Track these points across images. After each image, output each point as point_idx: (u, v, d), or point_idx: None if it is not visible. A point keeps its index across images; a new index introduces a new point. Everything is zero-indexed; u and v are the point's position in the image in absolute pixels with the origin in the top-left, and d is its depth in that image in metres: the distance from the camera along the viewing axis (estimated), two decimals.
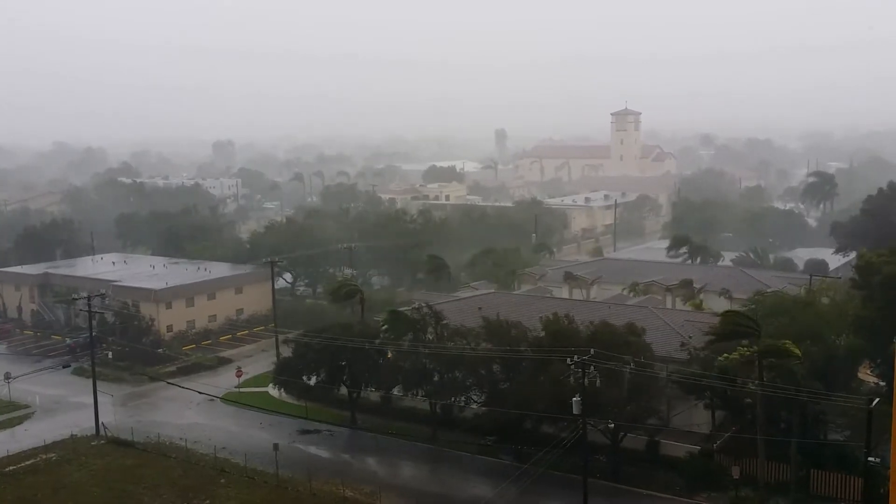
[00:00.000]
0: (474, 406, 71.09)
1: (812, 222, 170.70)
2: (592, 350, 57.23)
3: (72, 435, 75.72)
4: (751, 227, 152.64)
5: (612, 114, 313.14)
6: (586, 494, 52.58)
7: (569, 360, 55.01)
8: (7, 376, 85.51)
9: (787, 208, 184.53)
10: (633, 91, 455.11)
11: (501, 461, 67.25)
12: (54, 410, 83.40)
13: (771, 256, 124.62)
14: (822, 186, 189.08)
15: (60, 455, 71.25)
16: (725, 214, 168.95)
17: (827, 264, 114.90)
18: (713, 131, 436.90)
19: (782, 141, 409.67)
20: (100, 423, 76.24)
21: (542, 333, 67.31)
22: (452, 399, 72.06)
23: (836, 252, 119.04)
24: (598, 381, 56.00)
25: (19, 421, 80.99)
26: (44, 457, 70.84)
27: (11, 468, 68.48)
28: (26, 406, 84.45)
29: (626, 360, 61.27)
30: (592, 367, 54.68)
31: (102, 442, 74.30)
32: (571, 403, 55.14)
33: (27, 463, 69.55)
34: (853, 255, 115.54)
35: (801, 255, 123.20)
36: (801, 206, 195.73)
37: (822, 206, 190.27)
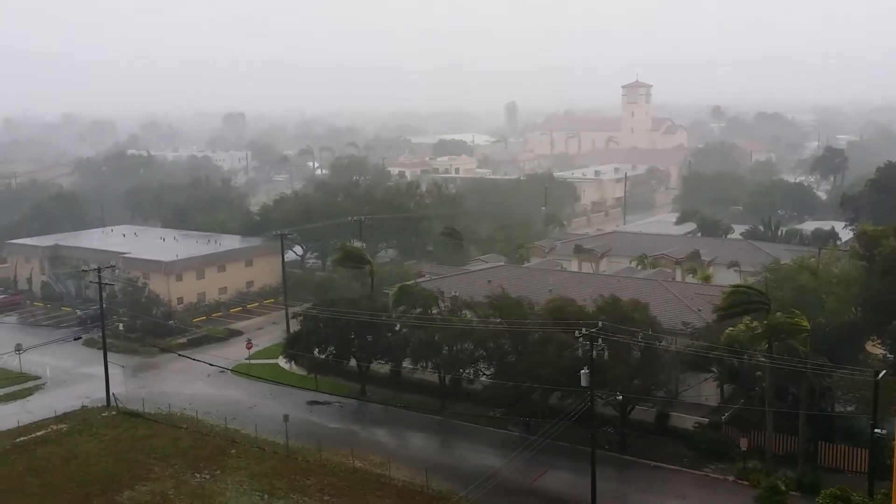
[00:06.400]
0: (483, 378, 71.30)
1: (822, 195, 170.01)
2: (600, 322, 57.28)
3: (83, 406, 76.27)
4: (761, 200, 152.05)
5: (622, 86, 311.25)
6: (594, 465, 52.82)
7: (577, 332, 55.07)
8: (18, 348, 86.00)
9: (797, 181, 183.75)
10: (644, 63, 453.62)
11: (510, 433, 67.58)
12: (65, 382, 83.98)
13: (781, 229, 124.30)
14: (832, 159, 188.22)
15: (71, 426, 71.81)
16: (735, 187, 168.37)
17: (837, 236, 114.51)
18: (724, 104, 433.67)
19: (792, 114, 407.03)
20: (111, 394, 76.77)
21: (550, 308, 67.39)
22: (461, 371, 72.30)
23: (847, 225, 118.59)
24: (605, 353, 56.07)
25: (30, 392, 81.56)
26: (55, 427, 71.40)
27: (23, 439, 69.08)
28: (37, 377, 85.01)
29: (635, 332, 61.33)
30: (600, 340, 54.71)
31: (113, 413, 74.83)
32: (580, 376, 55.31)
33: (38, 434, 70.11)
34: None
35: (811, 228, 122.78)
36: (812, 180, 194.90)
37: (832, 179, 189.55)
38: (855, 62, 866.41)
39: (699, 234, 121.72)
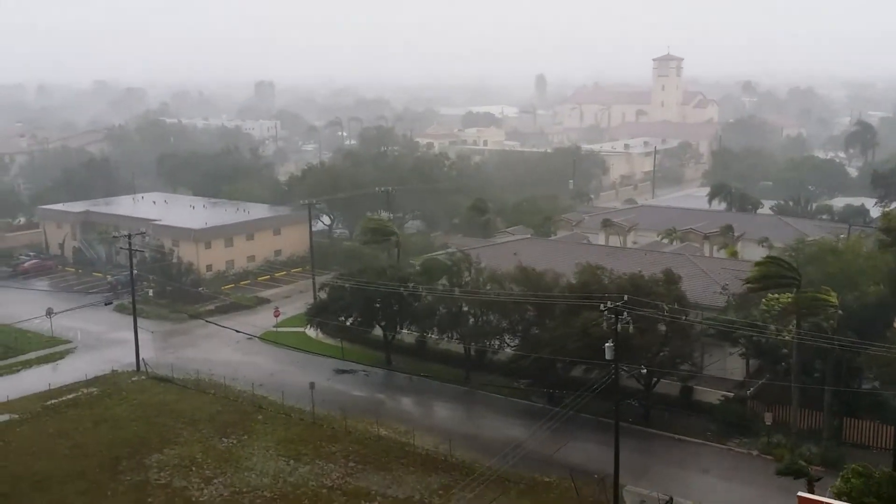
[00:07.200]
0: (508, 350, 71.60)
1: (853, 171, 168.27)
2: (626, 296, 57.21)
3: (112, 370, 77.35)
4: (791, 175, 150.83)
5: (653, 59, 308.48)
6: (618, 437, 52.92)
7: (602, 306, 55.08)
8: (49, 312, 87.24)
9: (828, 157, 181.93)
10: (676, 35, 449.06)
11: (534, 404, 67.88)
12: (95, 346, 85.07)
13: (811, 205, 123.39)
14: (863, 135, 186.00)
15: (101, 389, 72.84)
16: (766, 163, 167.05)
17: (867, 212, 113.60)
18: (756, 79, 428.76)
19: (825, 90, 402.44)
20: (140, 359, 77.78)
21: (576, 281, 67.48)
22: (486, 342, 72.60)
23: (877, 202, 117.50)
24: (630, 327, 56.02)
25: (61, 356, 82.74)
26: (85, 391, 72.48)
27: (54, 401, 70.18)
28: (68, 341, 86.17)
29: (660, 306, 61.23)
30: (626, 313, 54.67)
31: (143, 377, 75.85)
32: (604, 349, 55.33)
33: (69, 396, 71.21)
34: (895, 204, 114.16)
35: (841, 205, 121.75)
36: (843, 156, 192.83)
37: (863, 155, 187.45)
38: (889, 37, 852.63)
39: (733, 210, 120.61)
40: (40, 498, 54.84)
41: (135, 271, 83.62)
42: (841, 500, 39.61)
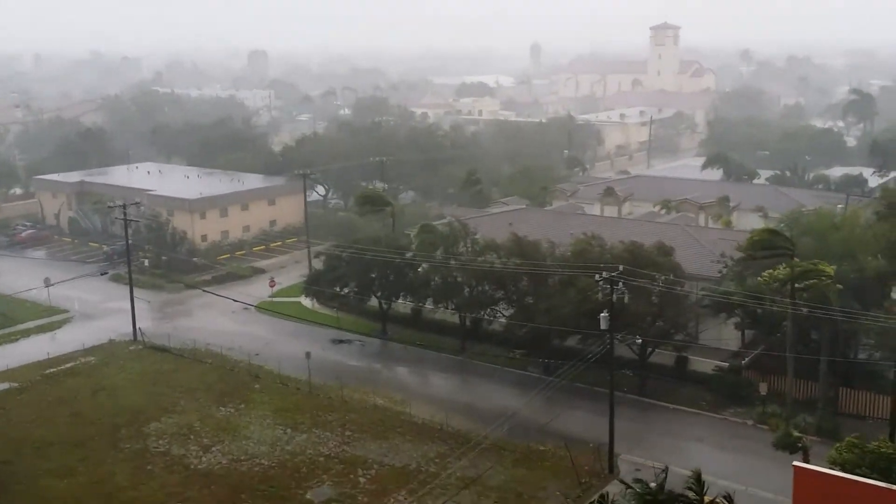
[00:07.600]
0: (503, 320, 71.77)
1: (851, 141, 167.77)
2: (621, 266, 57.32)
3: (110, 339, 77.48)
4: (788, 145, 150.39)
5: (650, 27, 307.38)
6: (612, 407, 53.28)
7: (597, 276, 55.18)
8: (46, 282, 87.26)
9: (826, 127, 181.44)
10: (673, 3, 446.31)
11: (529, 374, 68.13)
12: (92, 315, 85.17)
13: (808, 175, 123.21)
14: (862, 104, 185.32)
15: (99, 358, 73.06)
16: (763, 132, 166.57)
17: (865, 182, 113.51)
18: (754, 48, 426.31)
19: (824, 58, 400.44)
20: (137, 328, 77.89)
21: (571, 251, 67.58)
22: (481, 312, 72.76)
23: (875, 172, 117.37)
24: (626, 297, 56.16)
25: (59, 325, 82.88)
26: (83, 360, 72.70)
27: (52, 370, 70.42)
28: (65, 311, 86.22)
29: (656, 277, 61.37)
30: (621, 284, 54.80)
31: (140, 347, 76.01)
32: (599, 319, 55.53)
33: (67, 366, 71.42)
34: (893, 174, 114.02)
35: (839, 174, 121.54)
36: (841, 125, 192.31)
37: (862, 124, 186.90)
38: (891, 4, 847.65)
39: (730, 178, 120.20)
40: (42, 465, 55.11)
41: (130, 241, 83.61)
42: (834, 469, 39.85)
